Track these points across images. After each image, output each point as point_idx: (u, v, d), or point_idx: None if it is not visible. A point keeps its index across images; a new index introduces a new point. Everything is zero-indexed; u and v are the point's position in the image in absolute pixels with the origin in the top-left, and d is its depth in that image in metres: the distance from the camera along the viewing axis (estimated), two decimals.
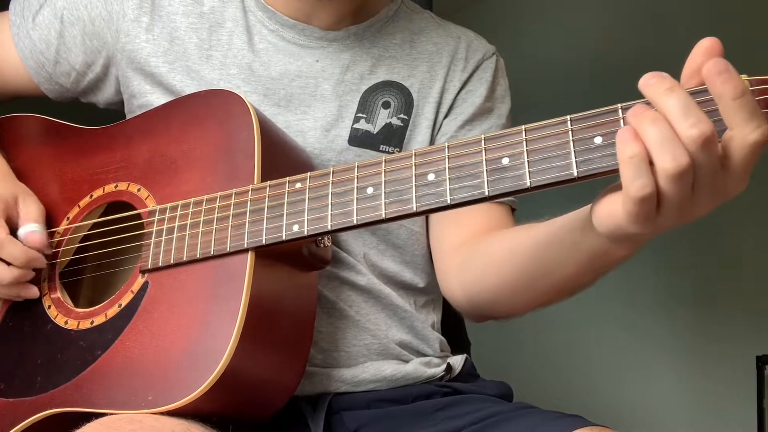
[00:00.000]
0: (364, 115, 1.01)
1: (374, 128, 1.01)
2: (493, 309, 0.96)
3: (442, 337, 1.07)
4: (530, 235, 0.86)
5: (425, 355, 1.03)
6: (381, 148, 1.01)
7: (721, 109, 0.59)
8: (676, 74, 0.64)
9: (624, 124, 0.64)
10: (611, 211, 0.66)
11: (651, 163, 0.61)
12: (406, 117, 1.03)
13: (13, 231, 0.93)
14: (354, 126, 1.01)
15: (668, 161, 0.59)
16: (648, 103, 0.62)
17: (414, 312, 1.04)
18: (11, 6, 1.09)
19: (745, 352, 2.22)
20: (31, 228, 0.93)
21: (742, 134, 0.59)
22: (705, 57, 0.60)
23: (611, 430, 0.83)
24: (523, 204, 1.03)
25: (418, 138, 1.03)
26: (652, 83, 0.61)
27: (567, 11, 2.72)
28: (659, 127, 0.60)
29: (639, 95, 0.66)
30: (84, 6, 1.04)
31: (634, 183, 0.61)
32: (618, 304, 2.52)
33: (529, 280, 0.87)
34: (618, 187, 0.65)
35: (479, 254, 0.95)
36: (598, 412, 1.01)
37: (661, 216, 0.63)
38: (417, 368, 1.00)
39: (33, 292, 0.93)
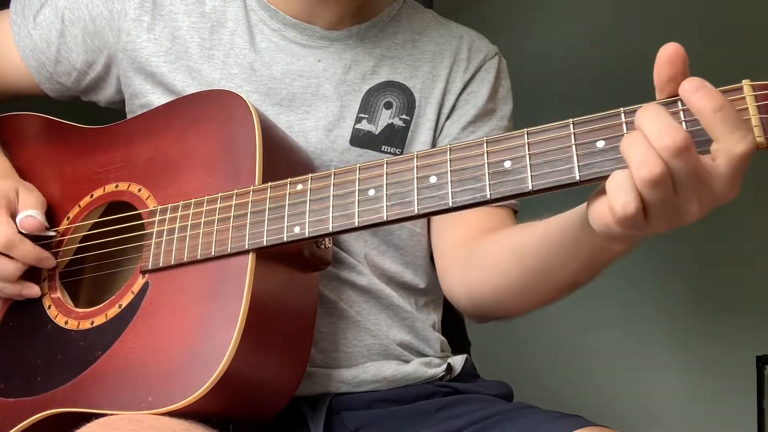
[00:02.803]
0: (365, 116, 1.01)
1: (376, 129, 1.01)
2: (496, 309, 0.96)
3: (443, 338, 1.07)
4: (532, 234, 0.86)
5: (426, 356, 1.03)
6: (383, 149, 1.01)
7: (704, 124, 0.60)
8: None
9: (626, 129, 0.65)
10: (604, 211, 0.66)
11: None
12: (408, 118, 1.03)
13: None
14: (356, 126, 1.01)
15: (643, 170, 0.61)
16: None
17: (414, 312, 1.04)
18: (12, 5, 1.08)
19: (745, 352, 2.21)
20: (27, 213, 0.93)
21: (727, 146, 0.60)
22: (669, 66, 0.62)
23: (611, 430, 0.83)
24: (528, 204, 1.03)
25: (420, 139, 1.03)
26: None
27: (569, 11, 2.71)
28: (632, 137, 0.62)
29: (642, 96, 0.66)
30: (85, 5, 1.03)
31: (617, 197, 0.62)
32: (618, 305, 2.52)
33: (531, 278, 0.87)
34: None
35: (483, 254, 0.95)
36: (599, 412, 1.00)
37: (651, 221, 0.64)
38: (417, 368, 1.00)
39: (35, 291, 0.93)
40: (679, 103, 0.63)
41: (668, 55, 0.62)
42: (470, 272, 0.96)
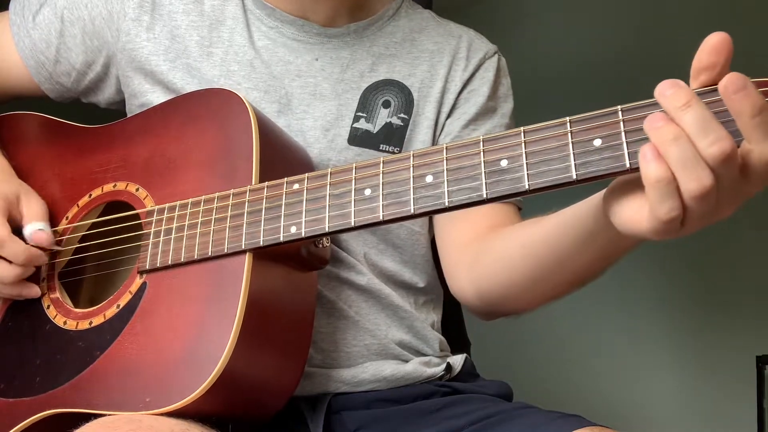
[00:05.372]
0: (364, 114, 1.01)
1: (374, 127, 1.01)
2: (504, 305, 0.95)
3: (442, 337, 1.07)
4: (541, 228, 0.85)
5: (425, 355, 1.03)
6: (381, 148, 1.00)
7: (739, 125, 0.59)
8: (680, 74, 0.63)
9: (624, 127, 0.64)
10: (635, 218, 0.65)
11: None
12: (406, 116, 1.03)
13: (15, 229, 0.93)
14: (354, 125, 1.01)
15: (693, 183, 0.59)
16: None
17: (414, 312, 1.03)
18: (11, 5, 1.08)
19: (745, 352, 2.22)
20: (38, 226, 0.94)
21: (761, 149, 0.59)
22: (713, 55, 0.60)
23: (611, 430, 0.83)
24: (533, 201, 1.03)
25: (419, 137, 1.03)
26: (668, 95, 0.60)
27: (568, 11, 2.71)
28: (681, 147, 0.59)
29: (640, 96, 0.66)
30: (84, 5, 1.03)
31: (661, 206, 0.61)
32: (618, 304, 2.52)
33: (542, 271, 0.86)
34: (636, 183, 0.64)
35: (490, 250, 0.94)
36: (599, 412, 1.00)
37: (685, 228, 0.63)
38: (417, 368, 1.00)
39: (35, 291, 0.93)
40: (711, 95, 0.61)
41: (714, 43, 0.60)
42: (479, 268, 0.96)
